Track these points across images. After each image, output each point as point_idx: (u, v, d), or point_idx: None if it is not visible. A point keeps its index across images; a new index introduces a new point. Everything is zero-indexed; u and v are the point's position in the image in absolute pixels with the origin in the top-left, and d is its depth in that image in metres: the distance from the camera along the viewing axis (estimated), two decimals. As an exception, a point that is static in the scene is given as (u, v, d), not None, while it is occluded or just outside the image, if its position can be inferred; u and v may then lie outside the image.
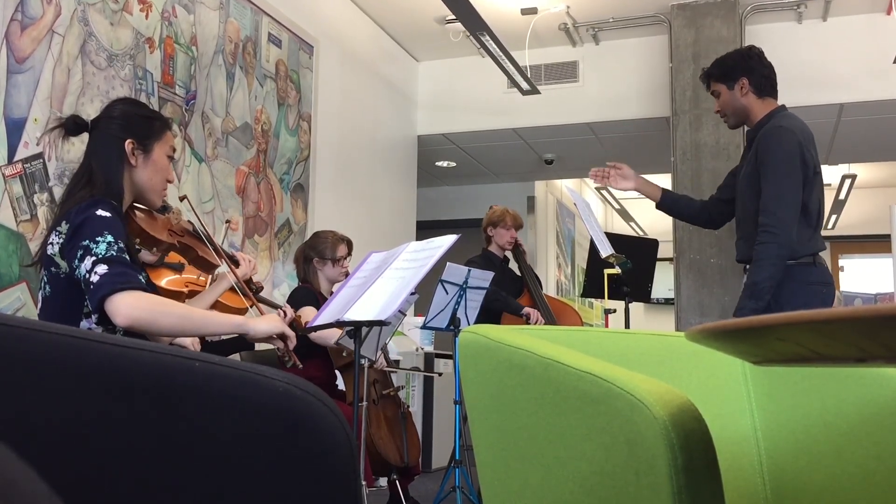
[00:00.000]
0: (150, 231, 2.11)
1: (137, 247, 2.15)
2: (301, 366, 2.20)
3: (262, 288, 2.77)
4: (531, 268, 4.48)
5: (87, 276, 1.82)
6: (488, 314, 3.91)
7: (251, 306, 2.43)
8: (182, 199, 2.40)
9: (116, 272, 1.82)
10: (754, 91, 2.97)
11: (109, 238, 1.85)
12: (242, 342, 3.16)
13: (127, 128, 2.04)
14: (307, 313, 3.22)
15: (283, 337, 2.03)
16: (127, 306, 1.78)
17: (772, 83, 3.00)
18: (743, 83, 2.97)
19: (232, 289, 2.54)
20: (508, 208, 4.42)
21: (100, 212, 1.88)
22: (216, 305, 2.61)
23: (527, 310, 4.09)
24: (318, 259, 3.58)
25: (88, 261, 1.82)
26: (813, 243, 2.85)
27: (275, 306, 3.04)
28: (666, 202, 3.37)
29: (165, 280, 2.80)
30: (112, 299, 1.79)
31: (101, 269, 1.81)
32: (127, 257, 1.87)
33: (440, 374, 5.02)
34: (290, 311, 3.05)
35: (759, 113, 2.98)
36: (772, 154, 2.84)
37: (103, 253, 1.83)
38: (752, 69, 2.98)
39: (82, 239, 1.84)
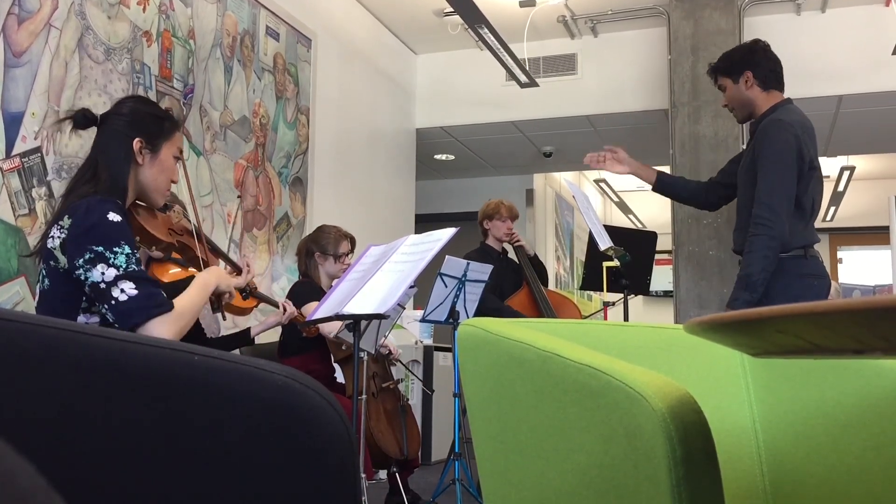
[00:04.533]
0: (150, 229, 2.10)
1: (138, 244, 2.14)
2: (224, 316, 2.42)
3: (255, 288, 2.77)
4: (535, 260, 4.46)
5: (107, 288, 1.82)
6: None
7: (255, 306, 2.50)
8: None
9: (146, 294, 1.85)
10: (759, 84, 2.98)
11: (127, 249, 1.85)
12: (243, 339, 3.16)
13: (136, 126, 2.03)
14: (311, 309, 3.22)
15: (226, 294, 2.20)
16: (164, 335, 1.83)
17: (777, 76, 3.00)
18: (747, 76, 2.98)
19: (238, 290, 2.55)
20: (503, 200, 4.42)
21: (111, 216, 1.86)
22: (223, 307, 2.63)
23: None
24: (320, 254, 3.57)
25: (108, 271, 1.82)
26: (805, 236, 2.86)
27: (274, 304, 3.04)
28: (662, 185, 3.40)
29: (169, 274, 2.80)
30: (147, 327, 1.83)
31: (128, 287, 1.83)
32: (145, 271, 1.91)
33: (432, 392, 5.07)
34: (290, 307, 3.06)
35: (763, 105, 2.98)
36: (768, 146, 2.85)
37: (124, 266, 1.84)
38: (757, 63, 2.98)
39: (95, 243, 1.83)
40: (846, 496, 1.40)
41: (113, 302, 1.82)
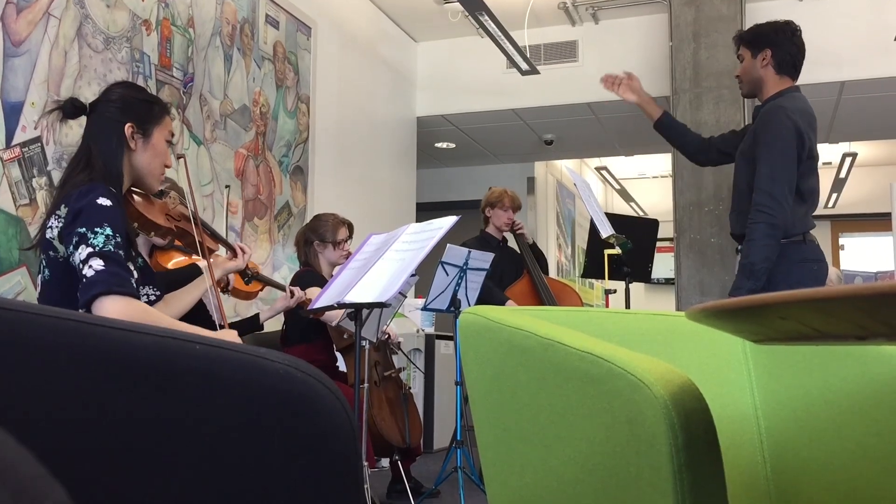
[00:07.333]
0: (147, 215, 2.11)
1: (136, 231, 2.14)
2: None
3: (256, 271, 2.77)
4: (536, 248, 4.46)
5: (81, 266, 1.80)
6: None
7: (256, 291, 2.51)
8: (179, 157, 2.40)
9: (112, 271, 1.80)
10: (774, 66, 2.97)
11: (108, 231, 1.83)
12: (252, 324, 3.17)
13: (126, 111, 2.03)
14: (315, 293, 3.22)
15: None
16: (116, 312, 1.76)
17: (794, 63, 2.99)
18: (766, 54, 2.97)
19: (240, 275, 2.56)
20: (507, 189, 4.41)
21: (101, 200, 1.86)
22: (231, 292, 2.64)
23: (509, 303, 4.09)
24: (319, 242, 3.57)
25: (84, 250, 1.80)
26: (803, 222, 2.87)
27: (280, 287, 3.05)
28: (662, 125, 3.48)
29: (173, 262, 2.80)
30: (103, 300, 1.77)
31: (97, 263, 1.79)
32: (123, 254, 1.85)
33: (423, 372, 5.09)
34: (298, 292, 3.07)
35: (771, 89, 2.98)
36: (768, 133, 2.84)
37: (101, 246, 1.81)
38: (779, 44, 2.97)
39: (80, 226, 1.83)
40: (848, 482, 1.40)
41: (84, 280, 1.78)
